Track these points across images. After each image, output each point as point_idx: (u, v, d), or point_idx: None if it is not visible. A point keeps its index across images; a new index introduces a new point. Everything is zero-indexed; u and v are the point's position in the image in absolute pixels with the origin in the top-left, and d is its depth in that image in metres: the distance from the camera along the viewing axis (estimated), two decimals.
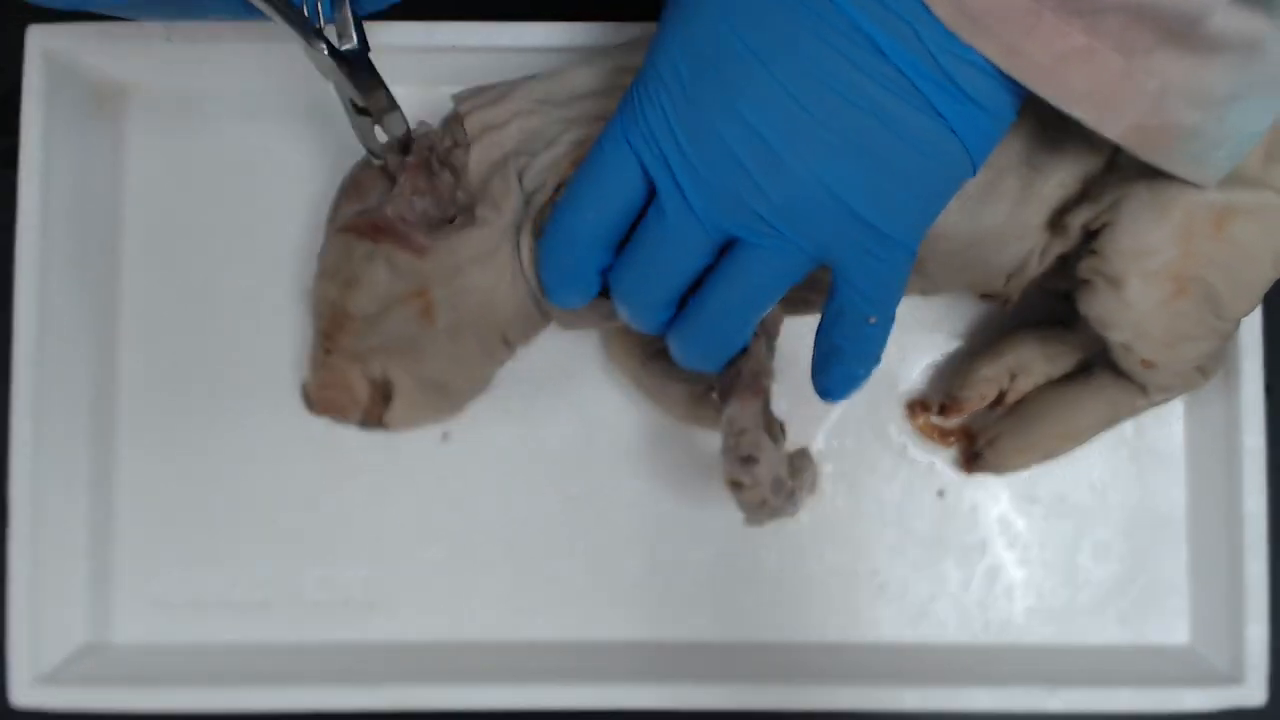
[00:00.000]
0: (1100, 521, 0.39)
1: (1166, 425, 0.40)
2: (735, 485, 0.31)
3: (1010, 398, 0.38)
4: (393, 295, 0.33)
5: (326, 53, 0.31)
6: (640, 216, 0.30)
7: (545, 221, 0.33)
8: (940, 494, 0.40)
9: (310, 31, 0.30)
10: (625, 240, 0.31)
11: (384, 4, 0.32)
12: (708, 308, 0.30)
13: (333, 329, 0.34)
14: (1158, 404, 0.36)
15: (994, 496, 0.40)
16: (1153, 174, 0.31)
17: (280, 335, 0.40)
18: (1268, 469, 0.37)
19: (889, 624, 0.39)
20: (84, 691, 0.37)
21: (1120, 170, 0.32)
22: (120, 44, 0.38)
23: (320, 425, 0.39)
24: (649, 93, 0.29)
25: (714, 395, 0.34)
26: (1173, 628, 0.39)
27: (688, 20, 0.28)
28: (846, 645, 0.39)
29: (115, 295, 0.40)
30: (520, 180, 0.33)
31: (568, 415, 0.40)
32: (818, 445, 0.40)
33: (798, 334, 0.40)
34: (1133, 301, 0.32)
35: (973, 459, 0.39)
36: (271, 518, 0.39)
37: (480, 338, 0.34)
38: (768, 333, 0.34)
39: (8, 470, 0.37)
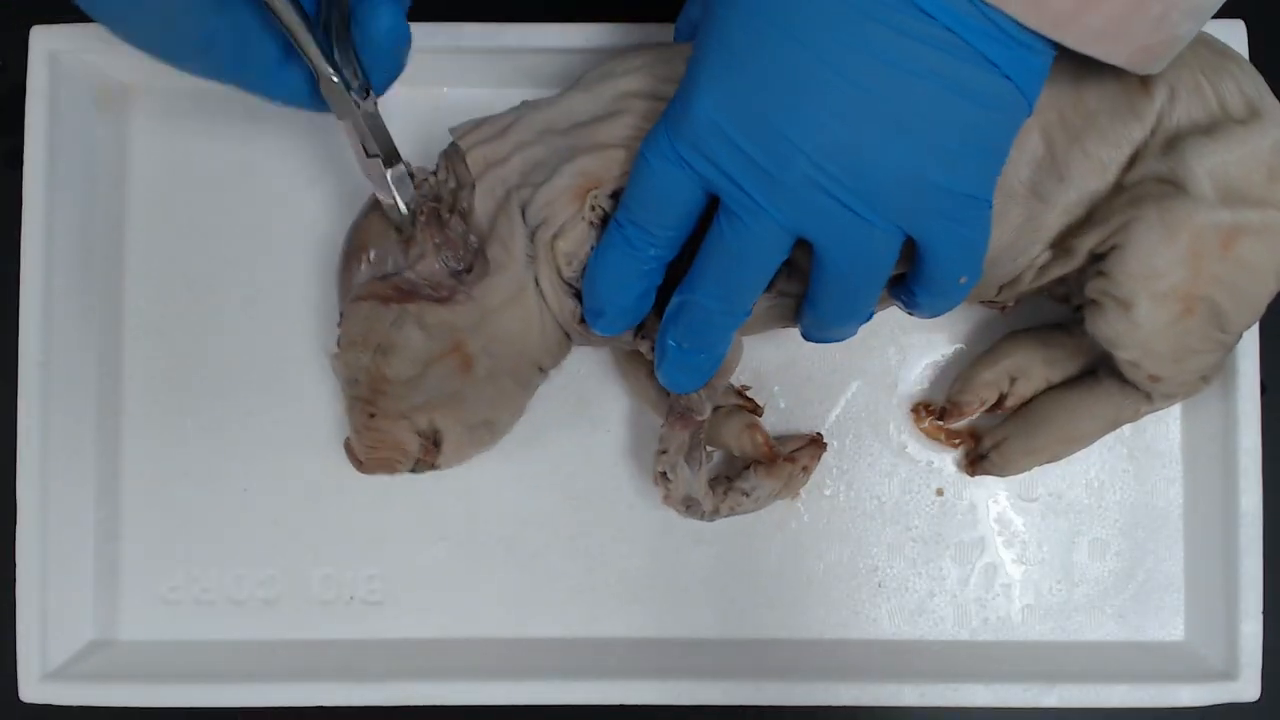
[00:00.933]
0: (1097, 520, 0.40)
1: (1163, 425, 0.40)
2: (662, 479, 0.36)
3: (1010, 401, 0.38)
4: (430, 355, 0.33)
5: (342, 84, 0.31)
6: (699, 230, 0.30)
7: (565, 258, 0.33)
8: (939, 492, 0.40)
9: (333, 68, 0.31)
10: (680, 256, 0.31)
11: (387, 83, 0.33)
12: (822, 305, 0.31)
13: (373, 395, 0.34)
14: (1160, 409, 0.36)
15: (992, 495, 0.40)
16: (1161, 196, 0.31)
17: (284, 334, 0.40)
18: (1263, 468, 0.37)
19: (888, 621, 0.40)
20: (91, 687, 0.37)
21: (1128, 191, 0.32)
22: (124, 45, 0.38)
23: (323, 425, 0.40)
24: (694, 104, 0.28)
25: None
26: (1168, 625, 0.39)
27: (725, 26, 0.28)
28: (846, 642, 0.39)
29: (120, 294, 0.40)
30: (523, 215, 0.33)
31: (569, 415, 0.40)
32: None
33: (799, 334, 0.40)
34: (1142, 322, 0.32)
35: (977, 461, 0.39)
36: (277, 517, 0.40)
37: (517, 375, 0.35)
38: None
39: (15, 469, 0.37)
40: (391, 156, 0.33)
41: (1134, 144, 0.32)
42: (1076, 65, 0.30)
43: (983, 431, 0.39)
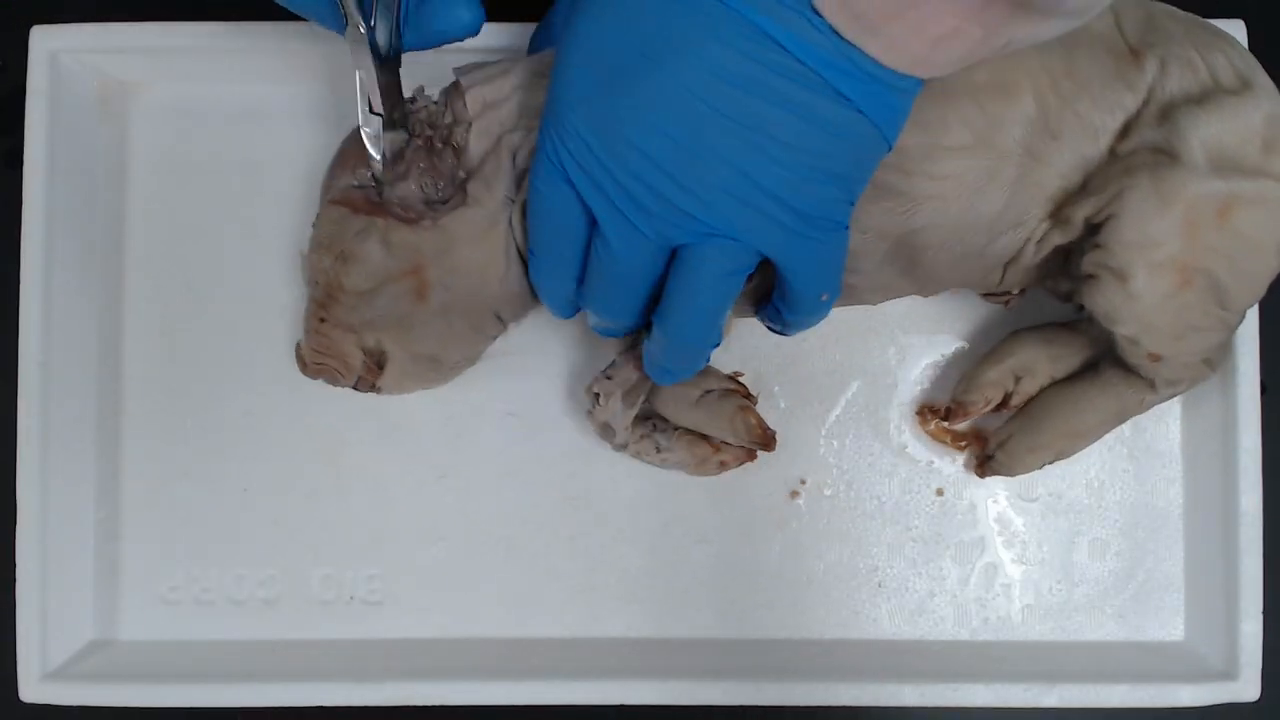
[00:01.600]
0: (1097, 520, 0.40)
1: (1164, 424, 0.40)
2: (591, 398, 0.37)
3: (1016, 400, 0.38)
4: (387, 273, 0.33)
5: (368, 40, 0.31)
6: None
7: (520, 229, 0.33)
8: (939, 492, 0.40)
9: (359, 14, 0.31)
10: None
11: (427, 45, 0.32)
12: (671, 319, 0.31)
13: (327, 300, 0.34)
14: (1165, 399, 0.36)
15: (992, 495, 0.40)
16: (1155, 165, 0.31)
17: (285, 333, 0.40)
18: (1263, 468, 0.37)
19: (888, 621, 0.40)
20: (91, 687, 0.37)
21: (1122, 161, 0.32)
22: (123, 44, 0.38)
23: (325, 425, 0.40)
24: (563, 119, 0.29)
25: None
26: (1168, 624, 0.40)
27: (585, 36, 0.29)
28: (846, 642, 0.39)
29: (120, 293, 0.40)
30: (514, 159, 0.33)
31: (569, 415, 0.40)
32: (818, 445, 0.40)
33: (799, 334, 0.40)
34: (1139, 294, 0.32)
35: (984, 462, 0.39)
36: (277, 517, 0.40)
37: (472, 316, 0.35)
38: None
39: (15, 469, 0.37)
40: (396, 120, 0.33)
41: (1126, 111, 0.32)
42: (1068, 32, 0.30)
43: (988, 432, 0.39)
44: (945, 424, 0.39)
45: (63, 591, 0.38)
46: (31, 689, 0.37)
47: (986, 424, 0.40)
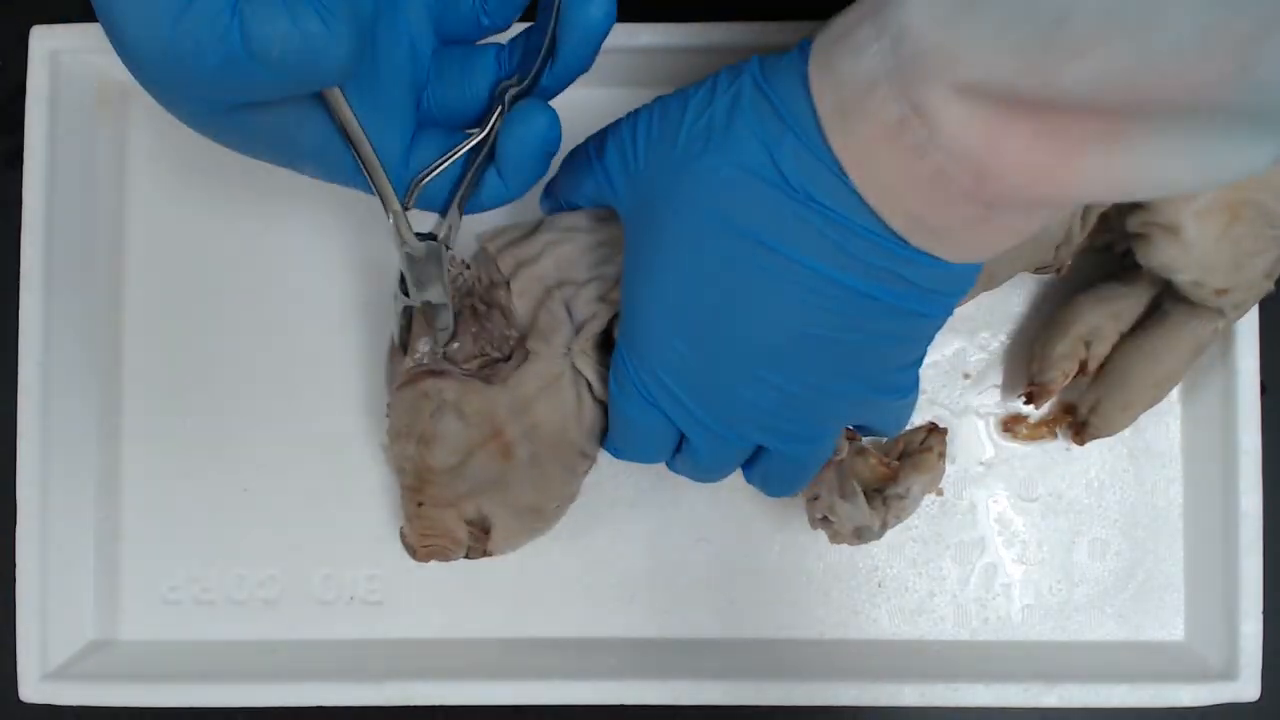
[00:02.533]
0: (1097, 519, 0.40)
1: (1163, 424, 0.40)
2: (824, 522, 0.36)
3: (1092, 365, 0.38)
4: (470, 443, 0.33)
5: (413, 239, 0.31)
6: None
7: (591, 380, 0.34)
8: (939, 492, 0.40)
9: (403, 217, 0.30)
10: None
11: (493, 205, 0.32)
12: (772, 480, 0.34)
13: (420, 484, 0.34)
14: (1236, 320, 0.36)
15: (992, 495, 0.40)
16: None
17: (285, 334, 0.40)
18: (1263, 468, 0.37)
19: (888, 621, 0.40)
20: (92, 687, 0.37)
21: None
22: None
23: (325, 424, 0.40)
24: (651, 367, 0.30)
25: None
26: (1168, 624, 0.40)
27: (664, 274, 0.29)
28: (845, 642, 0.39)
29: (120, 294, 0.40)
30: (569, 311, 0.33)
31: None
32: None
33: None
34: (1192, 242, 0.33)
35: (1080, 430, 0.39)
36: (277, 516, 0.40)
37: (561, 459, 0.34)
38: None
39: (15, 469, 0.37)
40: (425, 304, 0.32)
41: None
42: None
43: (1076, 401, 0.39)
44: (1031, 417, 0.39)
45: (63, 591, 0.38)
46: (31, 689, 0.37)
47: (1068, 395, 0.39)
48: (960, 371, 0.40)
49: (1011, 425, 0.40)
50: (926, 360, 0.40)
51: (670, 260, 0.29)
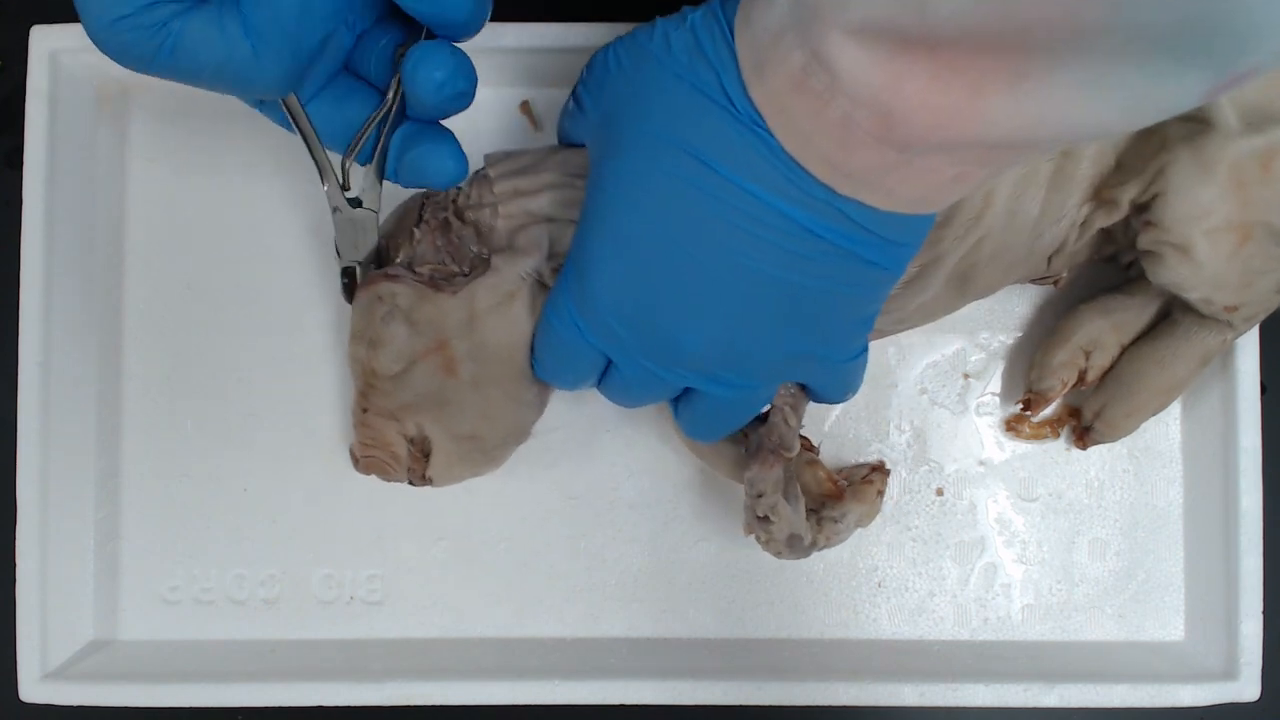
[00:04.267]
0: (1097, 519, 0.40)
1: (1163, 424, 0.40)
2: (755, 536, 0.35)
3: (1091, 375, 0.38)
4: (414, 351, 0.33)
5: (340, 195, 0.33)
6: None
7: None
8: (939, 492, 0.40)
9: (330, 172, 0.32)
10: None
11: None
12: (699, 422, 0.33)
13: (366, 389, 0.34)
14: (1244, 332, 0.36)
15: (992, 495, 0.40)
16: (1190, 135, 0.31)
17: (285, 334, 0.40)
18: (1263, 468, 0.37)
19: (887, 621, 0.40)
20: (92, 687, 0.37)
21: (1155, 135, 0.32)
22: None
23: (324, 424, 0.40)
24: (591, 293, 0.30)
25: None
26: (1168, 624, 0.40)
27: (613, 212, 0.29)
28: (845, 642, 0.39)
29: (119, 294, 0.40)
30: (551, 245, 0.33)
31: (569, 415, 0.40)
32: (819, 445, 0.40)
33: None
34: (1204, 262, 0.33)
35: (1084, 434, 0.39)
36: (277, 517, 0.40)
37: (505, 387, 0.34)
38: (792, 408, 0.34)
39: (15, 469, 0.37)
40: (366, 263, 0.34)
41: None
42: None
43: (1081, 404, 0.39)
44: (1032, 418, 0.39)
45: (63, 591, 0.38)
46: (31, 689, 0.37)
47: (1073, 399, 0.39)
48: (960, 371, 0.40)
49: (1014, 424, 0.40)
50: (926, 360, 0.40)
51: (619, 178, 0.29)
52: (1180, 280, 0.33)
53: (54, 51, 0.37)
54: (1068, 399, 0.39)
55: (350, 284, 0.34)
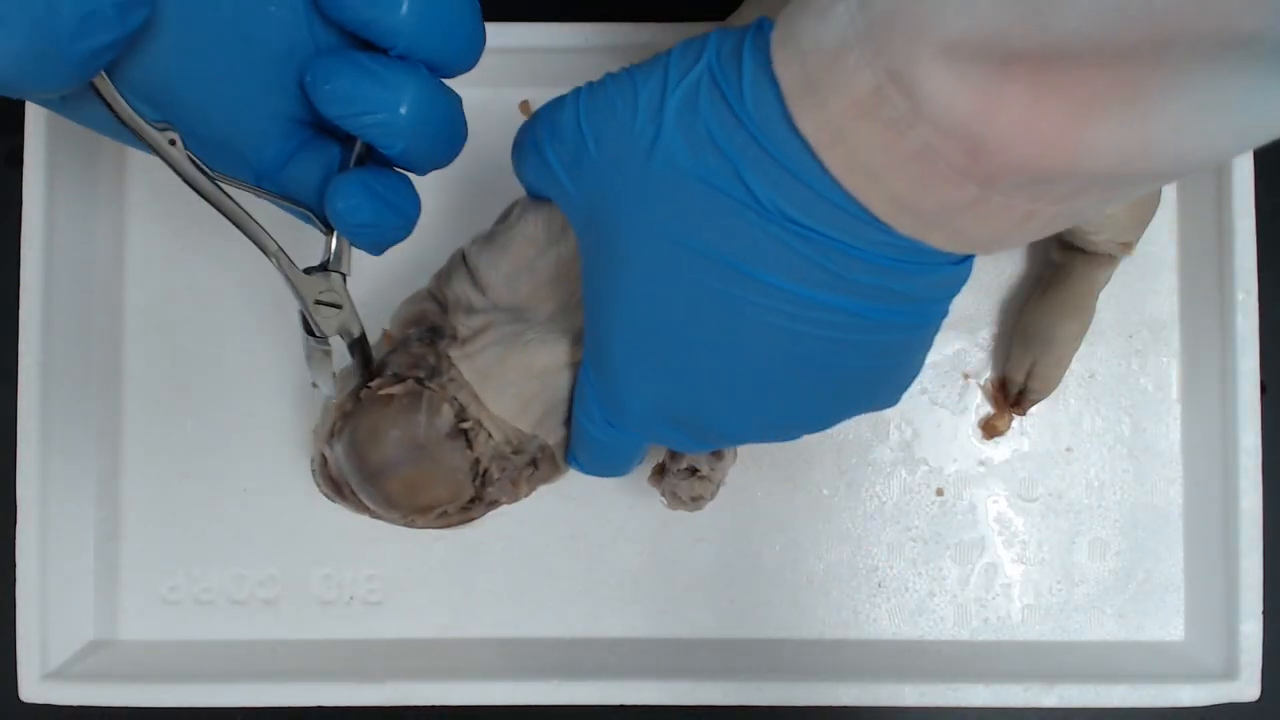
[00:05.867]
0: (1097, 520, 0.40)
1: (1163, 424, 0.40)
2: (690, 472, 0.34)
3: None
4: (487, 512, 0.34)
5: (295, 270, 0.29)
6: None
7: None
8: (939, 492, 0.40)
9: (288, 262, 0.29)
10: None
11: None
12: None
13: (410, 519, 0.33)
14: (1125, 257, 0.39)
15: (992, 495, 0.40)
16: None
17: (285, 334, 0.40)
18: (1263, 468, 0.37)
19: (888, 621, 0.40)
20: (91, 687, 0.37)
21: None
22: None
23: None
24: (627, 403, 0.29)
25: None
26: (1168, 624, 0.40)
27: (636, 309, 0.27)
28: (846, 642, 0.39)
29: (120, 294, 0.40)
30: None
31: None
32: (819, 445, 0.40)
33: None
34: (1114, 212, 0.35)
35: (1020, 399, 0.39)
36: (276, 516, 0.40)
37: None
38: None
39: (15, 469, 0.37)
40: (343, 331, 0.30)
41: None
42: None
43: (1005, 377, 0.40)
44: (988, 413, 0.40)
45: (63, 591, 0.38)
46: (31, 689, 0.37)
47: (999, 372, 0.41)
48: (960, 371, 0.40)
49: (988, 427, 0.40)
50: (926, 360, 0.40)
51: (633, 283, 0.26)
52: (1088, 227, 0.36)
53: None
54: (997, 369, 0.41)
55: (322, 367, 0.31)
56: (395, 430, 0.30)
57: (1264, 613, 0.37)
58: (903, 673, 0.37)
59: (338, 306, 0.30)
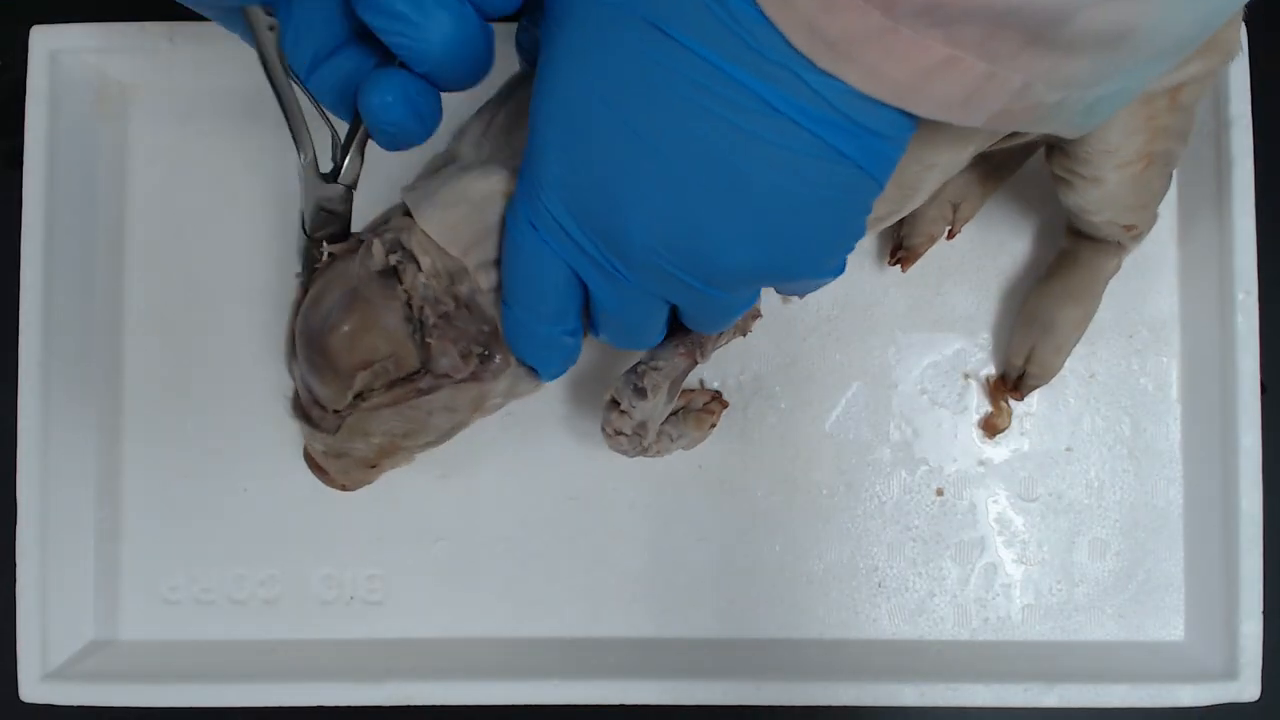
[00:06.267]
0: (1097, 519, 0.40)
1: (1163, 424, 0.40)
2: (612, 404, 0.34)
3: (958, 226, 0.40)
4: (455, 424, 0.33)
5: (312, 168, 0.31)
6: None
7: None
8: (939, 492, 0.40)
9: (305, 142, 0.30)
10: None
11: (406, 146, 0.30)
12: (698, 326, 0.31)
13: (379, 457, 0.33)
14: (1134, 249, 0.38)
15: (992, 495, 0.40)
16: None
17: (285, 333, 0.40)
18: (1263, 468, 0.37)
19: (888, 621, 0.40)
20: (92, 687, 0.37)
21: None
22: (123, 44, 0.38)
23: None
24: (541, 187, 0.27)
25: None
26: (1168, 624, 0.40)
27: (562, 94, 0.26)
28: (845, 642, 0.39)
29: (120, 294, 0.40)
30: None
31: (569, 415, 0.40)
32: (819, 445, 0.40)
33: (798, 334, 0.40)
34: (1111, 189, 0.34)
35: (1018, 384, 0.39)
36: (277, 516, 0.40)
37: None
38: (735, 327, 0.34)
39: (15, 469, 0.37)
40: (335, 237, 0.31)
41: None
42: None
43: (1005, 366, 0.40)
44: (987, 411, 0.40)
45: (63, 591, 0.38)
46: (31, 689, 0.37)
47: (999, 363, 0.40)
48: (960, 371, 0.40)
49: (988, 425, 0.40)
50: (926, 360, 0.40)
51: (569, 52, 0.26)
52: (1088, 204, 0.35)
53: (54, 51, 0.37)
54: (999, 362, 0.40)
55: (308, 265, 0.32)
56: (334, 284, 0.31)
57: (1264, 613, 0.37)
58: (902, 673, 0.37)
59: (338, 215, 0.32)
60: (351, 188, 0.31)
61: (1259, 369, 0.37)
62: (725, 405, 0.39)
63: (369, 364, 0.31)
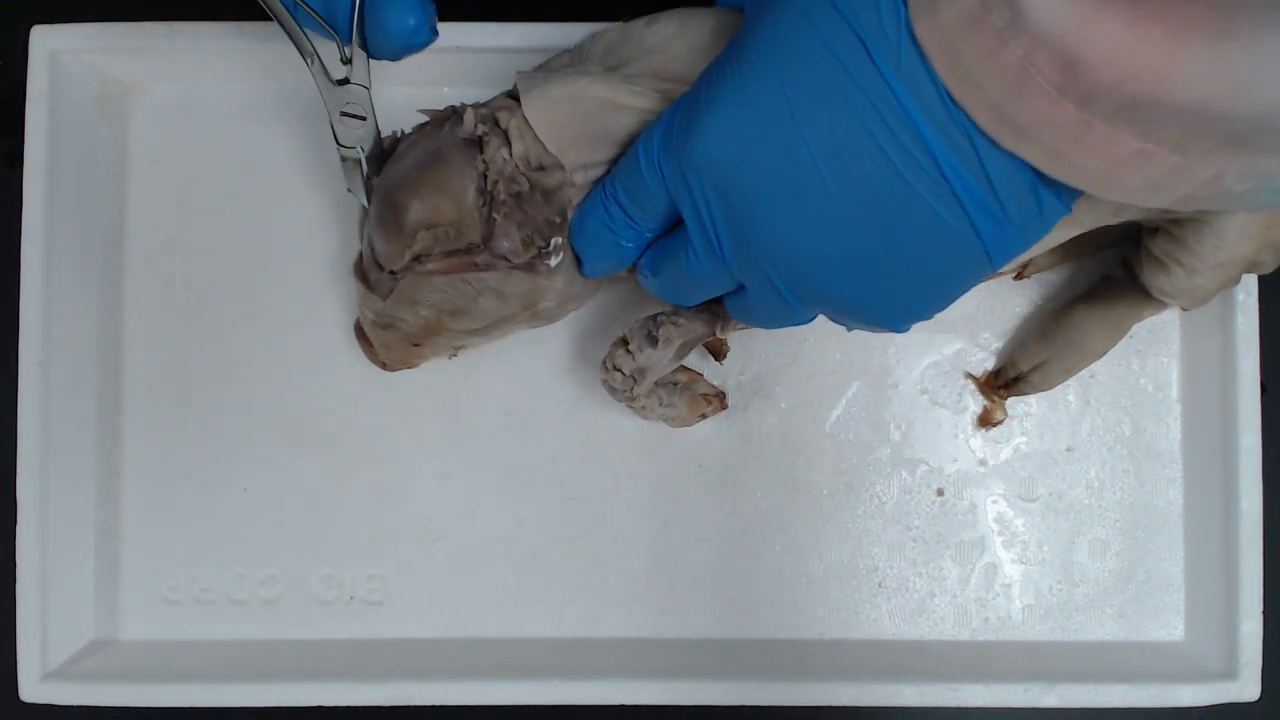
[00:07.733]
0: (1098, 520, 0.40)
1: (1164, 424, 0.40)
2: (621, 343, 0.34)
3: (1028, 272, 0.40)
4: (501, 315, 0.33)
5: (324, 76, 0.32)
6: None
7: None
8: (939, 492, 0.40)
9: (310, 53, 0.32)
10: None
11: (396, 54, 0.32)
12: (745, 317, 0.32)
13: (425, 335, 0.34)
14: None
15: (992, 495, 0.40)
16: None
17: (284, 334, 0.40)
18: (1263, 468, 0.37)
19: (888, 621, 0.40)
20: (91, 687, 0.37)
21: None
22: (123, 44, 0.38)
23: (326, 425, 0.40)
24: (694, 143, 0.28)
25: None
26: (1168, 624, 0.40)
27: (748, 71, 0.27)
28: (845, 642, 0.39)
29: (119, 294, 0.40)
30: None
31: (569, 415, 0.40)
32: (819, 445, 0.40)
33: (799, 334, 0.40)
34: (1201, 284, 0.34)
35: (1012, 384, 0.39)
36: (277, 516, 0.40)
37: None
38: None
39: (15, 469, 0.37)
40: (371, 156, 0.33)
41: None
42: None
43: (1010, 363, 0.40)
44: (982, 407, 0.40)
45: (63, 591, 0.38)
46: (31, 689, 0.37)
47: (1007, 354, 0.40)
48: (960, 371, 0.40)
49: (984, 418, 0.40)
50: (926, 360, 0.40)
51: (774, 28, 0.26)
52: (1171, 288, 0.34)
53: (54, 51, 0.37)
54: (1005, 355, 0.40)
55: (364, 174, 0.33)
56: (420, 144, 0.32)
57: (1264, 613, 0.37)
58: (902, 673, 0.37)
59: (362, 118, 0.33)
60: (367, 88, 0.32)
61: (1259, 369, 0.37)
62: (725, 407, 0.39)
63: (433, 225, 0.31)
